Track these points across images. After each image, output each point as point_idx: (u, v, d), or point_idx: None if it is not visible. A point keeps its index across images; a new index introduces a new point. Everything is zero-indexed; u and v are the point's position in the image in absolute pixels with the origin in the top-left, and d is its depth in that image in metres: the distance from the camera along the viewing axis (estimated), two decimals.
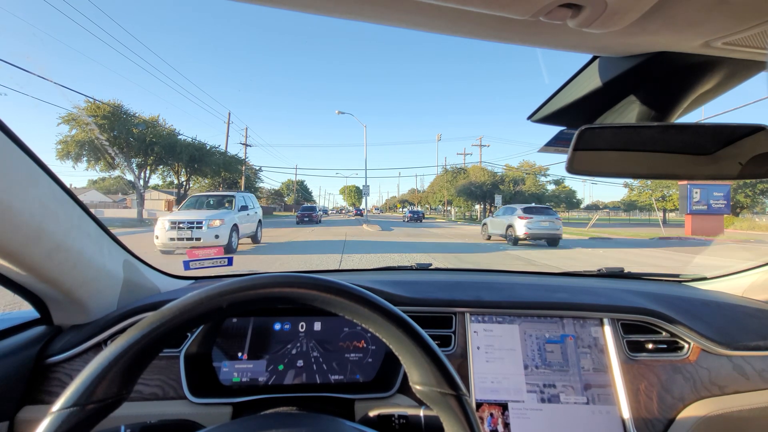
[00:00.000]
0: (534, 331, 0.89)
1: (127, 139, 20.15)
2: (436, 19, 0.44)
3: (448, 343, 0.88)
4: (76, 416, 0.34)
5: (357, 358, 0.87)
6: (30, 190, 0.62)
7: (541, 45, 0.50)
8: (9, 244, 0.61)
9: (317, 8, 0.43)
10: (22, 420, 0.72)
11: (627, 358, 0.86)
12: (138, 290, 0.95)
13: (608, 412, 0.81)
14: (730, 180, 0.62)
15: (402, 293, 0.93)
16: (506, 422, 0.80)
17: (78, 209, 0.75)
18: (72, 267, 0.73)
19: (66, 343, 0.80)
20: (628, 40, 0.47)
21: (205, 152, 23.94)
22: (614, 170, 0.60)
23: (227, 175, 27.36)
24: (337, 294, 0.41)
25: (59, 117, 18.59)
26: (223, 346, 0.86)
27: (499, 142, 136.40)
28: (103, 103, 19.85)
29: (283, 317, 0.90)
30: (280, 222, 23.49)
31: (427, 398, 0.40)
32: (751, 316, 0.96)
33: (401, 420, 0.62)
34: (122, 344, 0.37)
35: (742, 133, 0.52)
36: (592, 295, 0.97)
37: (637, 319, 0.91)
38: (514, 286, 1.03)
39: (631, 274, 1.27)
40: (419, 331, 0.42)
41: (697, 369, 0.85)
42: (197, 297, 0.40)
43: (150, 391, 0.80)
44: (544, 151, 0.76)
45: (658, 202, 28.36)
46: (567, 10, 0.40)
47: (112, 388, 0.36)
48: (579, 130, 0.53)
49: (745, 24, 0.42)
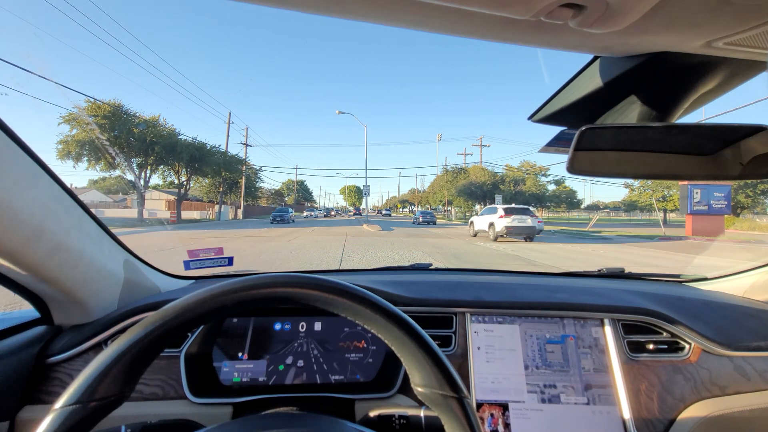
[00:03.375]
0: (534, 331, 0.89)
1: (128, 139, 20.18)
2: (437, 19, 0.44)
3: (449, 344, 0.88)
4: (79, 414, 0.34)
5: (357, 358, 0.87)
6: (30, 189, 0.62)
7: (541, 45, 0.50)
8: (9, 244, 0.61)
9: (317, 8, 0.43)
10: (22, 420, 0.72)
11: (627, 359, 0.86)
12: (138, 290, 0.95)
13: (609, 412, 0.81)
14: (730, 180, 0.61)
15: (402, 293, 0.93)
16: (507, 422, 0.80)
17: (78, 209, 0.75)
18: (72, 267, 0.73)
19: (66, 342, 0.80)
20: (629, 40, 0.47)
21: (206, 152, 23.98)
22: (615, 170, 0.60)
23: (228, 174, 27.41)
24: (338, 294, 0.41)
25: (60, 117, 18.67)
26: (223, 346, 0.86)
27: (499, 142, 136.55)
28: (104, 102, 19.89)
29: (284, 317, 0.90)
30: (282, 221, 24.35)
31: (428, 400, 0.40)
32: (752, 316, 0.95)
33: (401, 420, 0.62)
34: (125, 343, 0.37)
35: (743, 133, 0.52)
36: (592, 295, 0.97)
37: (638, 319, 0.91)
38: (514, 286, 1.03)
39: (632, 274, 1.27)
40: (421, 333, 0.42)
41: (698, 369, 0.85)
42: (198, 297, 0.40)
43: (150, 391, 0.80)
44: (544, 152, 0.76)
45: (659, 203, 28.34)
46: (568, 10, 0.39)
47: (114, 386, 0.36)
48: (580, 131, 0.53)
49: (747, 24, 0.42)
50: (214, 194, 29.78)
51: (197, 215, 32.58)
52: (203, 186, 29.23)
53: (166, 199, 32.67)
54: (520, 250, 9.38)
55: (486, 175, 33.97)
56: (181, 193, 24.95)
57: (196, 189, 30.37)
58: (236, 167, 28.03)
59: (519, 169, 36.61)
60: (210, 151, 24.52)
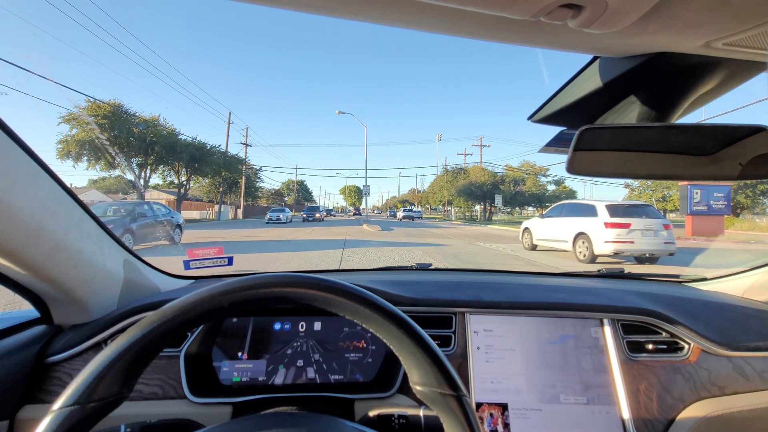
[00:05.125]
0: (534, 331, 0.89)
1: (128, 139, 20.17)
2: (437, 19, 0.44)
3: (448, 344, 0.88)
4: (77, 415, 0.34)
5: (357, 358, 0.87)
6: (30, 189, 0.62)
7: (541, 45, 0.50)
8: (9, 243, 0.61)
9: (317, 8, 0.43)
10: (22, 419, 0.72)
11: (627, 359, 0.86)
12: (138, 290, 0.95)
13: (608, 412, 0.81)
14: (730, 181, 0.62)
15: (402, 293, 0.93)
16: (506, 422, 0.80)
17: (78, 209, 0.75)
18: (72, 266, 0.73)
19: (66, 342, 0.80)
20: (629, 40, 0.47)
21: (206, 152, 23.98)
22: (614, 171, 0.60)
23: (227, 174, 27.42)
24: (337, 294, 0.41)
25: (60, 116, 18.63)
26: (223, 345, 0.86)
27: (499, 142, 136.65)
28: (104, 102, 19.87)
29: (283, 317, 0.90)
30: (278, 222, 24.31)
31: (427, 399, 0.40)
32: (751, 316, 0.96)
33: (401, 420, 0.62)
34: (123, 343, 0.37)
35: (743, 133, 0.52)
36: (592, 295, 0.97)
37: (637, 319, 0.91)
38: (514, 286, 1.03)
39: (631, 274, 1.27)
40: (419, 332, 0.42)
41: (697, 369, 0.85)
42: (198, 296, 0.40)
43: (150, 391, 0.80)
44: (544, 152, 0.76)
45: (659, 203, 28.36)
46: (567, 11, 0.40)
47: (113, 386, 0.36)
48: (579, 131, 0.53)
49: (746, 24, 0.42)
50: (214, 194, 29.81)
51: (197, 215, 32.60)
52: (203, 186, 29.24)
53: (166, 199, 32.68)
54: (520, 250, 9.37)
55: (486, 175, 33.98)
56: (180, 193, 24.95)
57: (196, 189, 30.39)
58: (236, 167, 28.04)
59: (519, 169, 36.62)
60: (210, 150, 24.52)
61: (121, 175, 24.73)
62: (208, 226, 18.94)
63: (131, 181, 23.80)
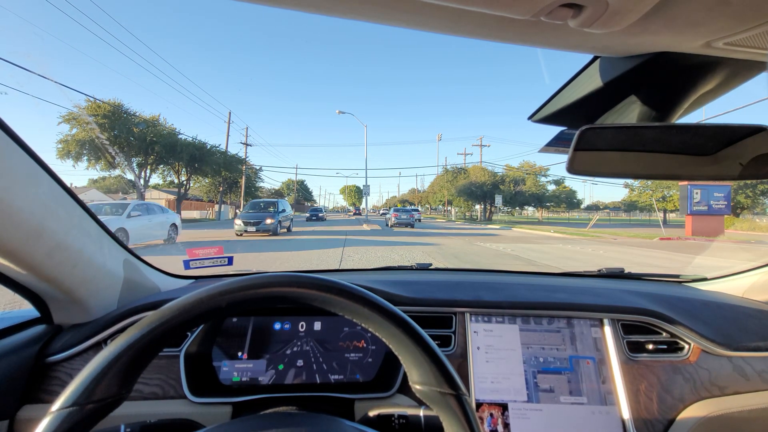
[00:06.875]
0: (534, 331, 0.89)
1: (128, 139, 20.15)
2: (437, 18, 0.44)
3: (448, 343, 0.88)
4: (76, 416, 0.34)
5: (357, 357, 0.87)
6: (30, 189, 0.62)
7: (541, 45, 0.50)
8: (9, 243, 0.61)
9: (317, 8, 0.43)
10: (22, 419, 0.72)
11: (627, 359, 0.86)
12: (138, 289, 0.95)
13: (608, 412, 0.81)
14: (730, 181, 0.61)
15: (402, 293, 0.93)
16: (506, 422, 0.80)
17: (78, 208, 0.75)
18: (72, 266, 0.73)
19: (66, 342, 0.80)
20: (629, 40, 0.47)
21: (206, 152, 23.95)
22: (615, 170, 0.60)
23: (227, 174, 27.41)
24: (337, 294, 0.41)
25: (60, 116, 18.61)
26: (223, 345, 0.86)
27: (499, 142, 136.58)
28: (104, 102, 19.86)
29: (283, 317, 0.90)
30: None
31: (426, 398, 0.40)
32: (752, 316, 0.95)
33: (401, 420, 0.62)
34: (122, 344, 0.37)
35: (743, 133, 0.52)
36: (592, 295, 0.97)
37: (637, 319, 0.91)
38: (514, 286, 1.03)
39: (631, 274, 1.27)
40: (419, 331, 0.42)
41: (697, 370, 0.85)
42: (197, 296, 0.40)
43: (150, 391, 0.80)
44: (544, 152, 0.76)
45: (659, 203, 28.35)
46: (568, 10, 0.39)
47: (112, 387, 0.36)
48: (580, 131, 0.53)
49: (746, 24, 0.42)
50: (214, 194, 29.80)
51: (197, 215, 32.59)
52: (203, 186, 29.24)
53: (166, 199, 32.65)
54: (520, 250, 9.38)
55: (486, 175, 33.97)
56: (181, 193, 24.94)
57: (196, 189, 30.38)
58: (236, 167, 28.03)
59: (519, 169, 36.61)
60: (210, 150, 24.49)
61: (121, 174, 24.70)
62: (208, 226, 18.94)
63: (131, 180, 23.78)
